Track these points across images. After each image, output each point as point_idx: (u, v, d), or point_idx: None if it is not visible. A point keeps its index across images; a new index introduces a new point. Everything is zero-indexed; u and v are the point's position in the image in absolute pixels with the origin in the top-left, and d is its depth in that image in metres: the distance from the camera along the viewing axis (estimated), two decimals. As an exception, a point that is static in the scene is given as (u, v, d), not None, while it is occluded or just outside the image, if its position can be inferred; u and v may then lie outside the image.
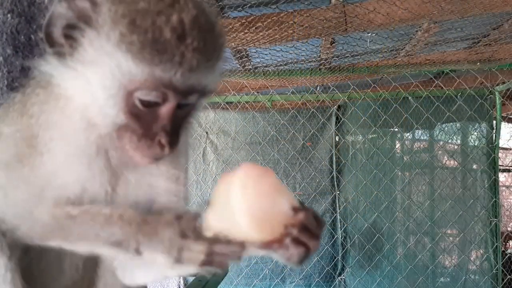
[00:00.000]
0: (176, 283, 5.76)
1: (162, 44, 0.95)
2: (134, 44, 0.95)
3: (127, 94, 1.01)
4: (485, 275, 5.34)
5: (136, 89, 1.00)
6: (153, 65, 0.96)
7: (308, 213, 1.00)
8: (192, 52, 0.97)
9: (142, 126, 1.04)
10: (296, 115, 5.59)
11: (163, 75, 0.97)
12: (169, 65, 0.96)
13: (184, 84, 1.00)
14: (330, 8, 3.65)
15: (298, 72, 5.25)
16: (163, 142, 1.04)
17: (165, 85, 0.99)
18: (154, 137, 1.04)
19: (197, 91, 1.05)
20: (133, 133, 1.04)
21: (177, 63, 0.97)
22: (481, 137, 5.47)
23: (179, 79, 0.98)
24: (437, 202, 5.47)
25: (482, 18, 3.98)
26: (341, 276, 5.54)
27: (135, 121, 1.04)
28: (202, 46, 0.99)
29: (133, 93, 1.00)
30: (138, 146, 1.05)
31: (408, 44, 4.66)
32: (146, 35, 0.95)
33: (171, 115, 1.04)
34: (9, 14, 1.52)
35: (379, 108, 5.46)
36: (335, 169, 5.54)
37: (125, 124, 1.04)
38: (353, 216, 5.51)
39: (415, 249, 5.44)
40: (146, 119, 1.04)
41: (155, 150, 1.05)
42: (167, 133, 1.04)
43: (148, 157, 1.07)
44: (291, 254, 1.00)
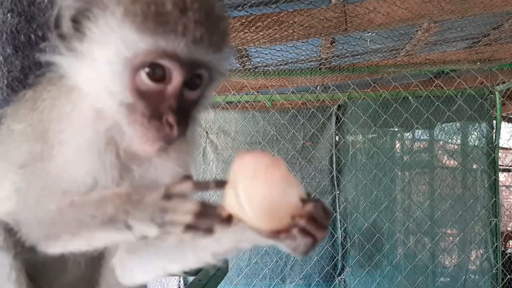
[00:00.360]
0: (176, 282, 5.76)
1: (164, 16, 0.98)
2: (138, 16, 0.98)
3: (133, 68, 1.01)
4: (485, 275, 5.34)
5: (143, 62, 1.01)
6: (157, 36, 0.98)
7: (316, 204, 1.01)
8: (194, 23, 1.00)
9: (149, 106, 1.03)
10: (296, 115, 5.59)
11: (167, 45, 0.99)
12: (172, 36, 0.98)
13: (188, 56, 1.01)
14: (330, 8, 3.65)
15: (298, 72, 5.25)
16: (170, 121, 1.03)
17: (169, 56, 1.00)
18: (162, 117, 1.03)
19: (202, 66, 1.06)
20: (141, 115, 1.04)
21: (180, 33, 0.98)
22: (481, 137, 5.47)
23: (183, 50, 1.00)
24: (437, 202, 5.47)
25: (482, 18, 3.98)
26: (341, 276, 5.54)
27: (142, 101, 1.03)
28: (203, 20, 1.01)
29: (139, 68, 1.01)
30: (147, 129, 1.04)
31: (408, 44, 4.66)
32: (149, 7, 0.98)
33: (177, 93, 1.04)
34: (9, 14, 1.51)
35: (379, 108, 5.46)
36: (335, 169, 5.54)
37: (132, 104, 1.04)
38: (353, 216, 5.51)
39: (415, 249, 5.44)
40: (153, 99, 1.03)
41: (164, 130, 1.03)
42: (175, 112, 1.03)
43: (157, 140, 1.05)
44: (298, 244, 1.01)
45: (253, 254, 5.58)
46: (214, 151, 5.68)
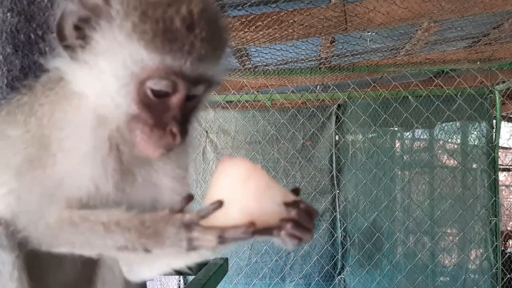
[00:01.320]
0: (176, 282, 5.76)
1: (172, 33, 0.99)
2: (146, 33, 0.99)
3: (139, 83, 1.03)
4: (485, 274, 5.34)
5: (148, 78, 1.03)
6: (164, 54, 1.00)
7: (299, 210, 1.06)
8: (201, 41, 1.02)
9: (153, 117, 1.06)
10: (296, 114, 5.59)
11: (173, 63, 1.01)
12: (179, 54, 1.00)
13: (193, 73, 1.03)
14: (330, 7, 3.64)
15: (298, 71, 5.25)
16: (174, 131, 1.06)
17: (176, 74, 1.02)
18: (166, 127, 1.06)
19: (205, 81, 1.09)
20: (145, 124, 1.07)
21: (187, 51, 1.01)
22: (481, 136, 5.47)
23: (188, 68, 1.02)
24: (437, 201, 5.47)
25: (482, 17, 3.98)
26: (341, 275, 5.55)
27: (146, 112, 1.06)
28: (209, 37, 1.03)
29: (145, 83, 1.03)
30: (150, 137, 1.07)
31: (408, 43, 4.65)
32: (158, 24, 0.99)
33: (181, 105, 1.07)
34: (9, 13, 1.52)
35: (379, 107, 5.46)
36: (335, 168, 5.54)
37: (136, 115, 1.06)
38: (353, 215, 5.51)
39: (415, 248, 5.45)
40: (157, 110, 1.06)
41: (167, 139, 1.07)
42: (178, 122, 1.07)
43: (160, 148, 1.09)
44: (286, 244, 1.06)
45: (253, 253, 5.59)
46: (214, 150, 5.68)
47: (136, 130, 1.08)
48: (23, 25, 1.54)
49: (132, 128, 1.08)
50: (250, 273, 5.58)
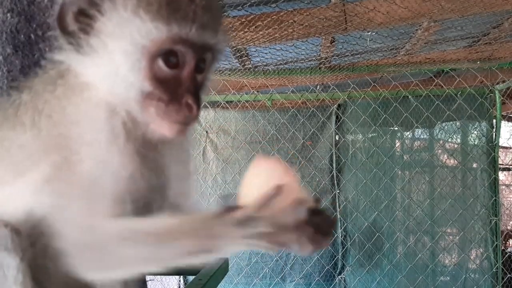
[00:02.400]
0: (176, 282, 5.76)
1: (176, 3, 1.04)
2: (151, 5, 1.03)
3: (150, 57, 1.05)
4: (485, 274, 5.34)
5: (158, 50, 1.05)
6: (170, 23, 1.03)
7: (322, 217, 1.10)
8: (202, 9, 1.06)
9: (167, 91, 1.08)
10: (296, 114, 5.59)
11: (180, 31, 1.04)
12: (184, 22, 1.04)
13: (199, 40, 1.07)
14: (330, 7, 3.64)
15: (298, 71, 5.25)
16: (190, 103, 1.08)
17: (183, 42, 1.06)
18: (181, 100, 1.08)
19: (209, 48, 1.12)
20: (159, 100, 1.08)
21: (191, 20, 1.04)
22: (481, 136, 5.47)
23: (194, 35, 1.05)
24: (437, 201, 5.47)
25: (482, 17, 3.98)
26: (341, 275, 5.55)
27: (160, 87, 1.07)
28: (208, 5, 1.09)
29: (156, 56, 1.06)
30: (166, 112, 1.08)
31: (408, 43, 4.65)
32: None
33: (192, 76, 1.10)
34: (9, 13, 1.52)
35: (379, 107, 5.46)
36: (335, 168, 5.54)
37: (150, 92, 1.07)
38: (353, 215, 5.51)
39: (415, 248, 5.45)
40: (170, 84, 1.08)
41: (184, 112, 1.08)
42: (192, 93, 1.09)
43: (177, 123, 1.09)
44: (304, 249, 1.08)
45: (253, 253, 5.58)
46: (214, 150, 5.68)
47: (151, 108, 1.08)
48: (23, 26, 1.54)
49: (146, 106, 1.08)
50: (251, 273, 5.58)
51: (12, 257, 1.13)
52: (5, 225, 1.13)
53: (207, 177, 5.66)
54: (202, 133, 5.64)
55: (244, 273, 5.57)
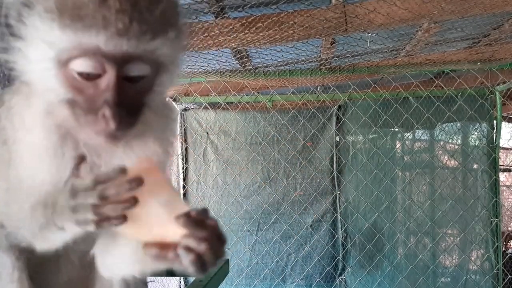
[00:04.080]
0: (177, 283, 5.76)
1: (81, 9, 0.91)
2: (55, 11, 0.92)
3: (61, 65, 0.97)
4: (486, 275, 5.34)
5: (69, 59, 0.96)
6: (76, 31, 0.92)
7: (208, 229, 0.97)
8: (116, 14, 0.91)
9: (86, 100, 0.99)
10: (296, 115, 5.59)
11: (88, 40, 0.92)
12: (93, 30, 0.91)
13: (115, 50, 0.94)
14: (330, 9, 3.64)
15: (298, 72, 5.25)
16: (106, 116, 0.96)
17: (95, 52, 0.94)
18: (98, 112, 0.98)
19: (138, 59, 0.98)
20: (79, 109, 0.99)
21: (100, 26, 0.91)
22: (481, 137, 5.47)
23: (107, 44, 0.93)
24: (437, 202, 5.47)
25: (482, 18, 3.98)
26: (341, 276, 5.54)
27: (79, 95, 0.99)
28: (129, 8, 0.92)
29: (67, 64, 0.97)
30: (85, 122, 0.99)
31: (408, 44, 4.65)
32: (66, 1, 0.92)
33: (114, 86, 0.97)
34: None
35: (380, 108, 5.46)
36: (335, 169, 5.54)
37: (70, 99, 1.00)
38: (353, 216, 5.51)
39: (415, 249, 5.44)
40: (89, 93, 0.98)
41: (100, 125, 0.98)
42: (111, 106, 0.96)
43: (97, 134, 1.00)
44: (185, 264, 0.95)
45: (254, 254, 5.59)
46: (215, 151, 5.68)
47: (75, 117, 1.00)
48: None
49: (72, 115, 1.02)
50: (251, 274, 5.58)
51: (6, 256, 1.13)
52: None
53: (207, 178, 5.66)
54: (202, 134, 5.64)
55: (245, 274, 5.57)
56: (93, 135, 1.01)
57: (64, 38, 0.93)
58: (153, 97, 1.07)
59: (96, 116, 0.97)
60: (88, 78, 0.97)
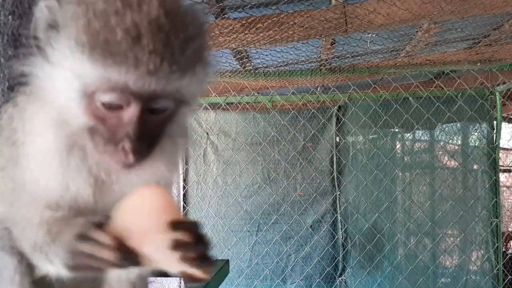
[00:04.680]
0: (177, 284, 5.76)
1: (114, 45, 0.91)
2: (88, 44, 0.92)
3: (87, 96, 0.97)
4: (486, 276, 5.34)
5: (95, 91, 0.96)
6: (107, 67, 0.92)
7: None
8: (148, 54, 0.91)
9: (107, 130, 0.99)
10: (296, 116, 5.59)
11: (118, 77, 0.92)
12: (123, 68, 0.91)
13: (143, 88, 0.94)
14: (330, 9, 3.65)
15: (298, 73, 5.25)
16: (126, 149, 0.98)
17: (122, 88, 0.94)
18: (118, 143, 0.99)
19: (165, 96, 0.99)
20: (100, 137, 1.00)
21: (132, 65, 0.91)
22: (481, 138, 5.47)
23: (136, 82, 0.93)
24: (437, 202, 5.47)
25: (482, 19, 3.98)
26: (342, 276, 5.54)
27: (101, 124, 0.99)
28: (161, 48, 0.93)
29: (93, 95, 0.96)
30: (104, 151, 1.01)
31: (408, 45, 4.66)
32: (99, 35, 0.91)
33: (137, 120, 0.98)
34: (10, 16, 1.52)
35: (380, 109, 5.47)
36: (335, 170, 5.54)
37: (91, 126, 1.01)
38: (353, 217, 5.51)
39: (415, 249, 5.45)
40: (111, 123, 0.99)
41: (119, 156, 0.99)
42: (132, 139, 0.97)
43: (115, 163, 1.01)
44: None
45: (254, 255, 5.59)
46: (215, 152, 5.68)
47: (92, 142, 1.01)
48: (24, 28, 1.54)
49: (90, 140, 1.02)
50: (251, 275, 5.58)
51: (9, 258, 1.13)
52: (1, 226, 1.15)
53: (207, 179, 5.67)
54: (202, 135, 5.64)
55: (245, 275, 5.57)
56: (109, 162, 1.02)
57: (94, 73, 0.93)
58: (173, 126, 1.07)
59: (116, 147, 0.98)
60: (112, 109, 0.98)
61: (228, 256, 5.37)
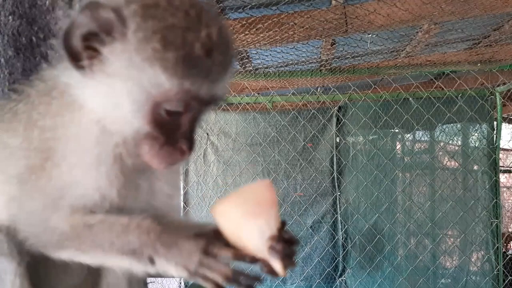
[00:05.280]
0: (176, 284, 5.76)
1: (193, 59, 1.00)
2: (168, 59, 0.99)
3: (154, 104, 1.04)
4: (486, 276, 5.33)
5: (164, 101, 1.03)
6: (184, 79, 1.00)
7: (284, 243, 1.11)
8: (217, 65, 1.04)
9: (164, 134, 1.08)
10: (296, 116, 5.59)
11: (191, 87, 1.02)
12: (198, 79, 1.02)
13: (207, 95, 1.06)
14: (331, 9, 3.65)
15: (298, 73, 5.25)
16: (184, 148, 1.09)
17: (192, 97, 1.04)
18: (176, 144, 1.09)
19: (216, 100, 1.11)
20: (155, 141, 1.08)
21: (204, 76, 1.02)
22: (481, 138, 5.47)
23: (204, 91, 1.04)
24: (437, 203, 5.47)
25: (482, 19, 3.98)
26: (342, 277, 5.54)
27: (158, 130, 1.07)
28: (224, 59, 1.06)
29: (160, 104, 1.04)
30: (160, 154, 1.09)
31: (408, 45, 4.66)
32: (179, 51, 0.99)
33: (192, 122, 1.10)
34: (11, 16, 1.52)
35: (380, 109, 5.46)
36: (335, 170, 5.54)
37: (147, 133, 1.07)
38: (354, 217, 5.51)
39: (416, 250, 5.44)
40: (168, 127, 1.08)
41: (176, 155, 1.10)
42: (188, 139, 1.10)
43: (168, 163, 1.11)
44: None
45: (254, 255, 5.58)
46: (215, 152, 5.68)
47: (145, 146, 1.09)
48: (24, 28, 1.54)
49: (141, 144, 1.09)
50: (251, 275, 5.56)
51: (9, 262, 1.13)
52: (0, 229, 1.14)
53: (207, 179, 5.66)
54: (203, 135, 5.64)
55: (245, 275, 5.56)
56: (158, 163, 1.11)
57: (171, 83, 1.00)
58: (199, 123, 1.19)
59: (174, 148, 1.09)
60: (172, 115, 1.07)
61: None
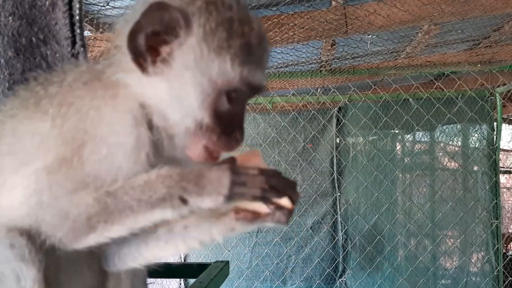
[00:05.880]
0: (177, 285, 5.76)
1: (251, 48, 1.10)
2: (233, 48, 1.08)
3: (218, 93, 1.10)
4: (486, 277, 5.33)
5: (227, 88, 1.10)
6: (244, 66, 1.09)
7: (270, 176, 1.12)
8: (266, 54, 1.17)
9: (221, 124, 1.12)
10: (296, 117, 5.59)
11: (249, 74, 1.10)
12: (253, 66, 1.11)
13: (257, 82, 1.14)
14: (331, 10, 3.65)
15: (298, 74, 5.26)
16: (238, 137, 1.14)
17: (249, 84, 1.12)
18: (232, 134, 1.14)
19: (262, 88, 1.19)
20: (213, 132, 1.12)
21: (258, 64, 1.13)
22: (481, 139, 5.47)
23: (258, 77, 1.13)
24: (438, 204, 5.47)
25: (482, 20, 3.99)
26: (342, 278, 5.54)
27: (216, 120, 1.12)
28: (267, 48, 1.19)
29: (223, 92, 1.11)
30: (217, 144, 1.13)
31: (408, 46, 4.66)
32: (241, 39, 1.08)
33: (242, 112, 1.17)
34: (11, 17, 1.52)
35: (380, 110, 5.46)
36: (335, 171, 5.54)
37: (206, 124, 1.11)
38: (354, 218, 5.51)
39: (416, 251, 5.44)
40: (225, 118, 1.13)
41: (233, 145, 1.14)
42: (241, 128, 1.16)
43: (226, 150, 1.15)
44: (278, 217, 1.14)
45: (254, 256, 5.58)
46: (215, 153, 5.67)
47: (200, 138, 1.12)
48: (24, 29, 1.55)
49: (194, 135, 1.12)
50: (251, 276, 5.57)
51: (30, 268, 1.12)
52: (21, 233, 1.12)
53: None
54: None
55: (245, 276, 5.56)
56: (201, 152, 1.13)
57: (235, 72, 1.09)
58: None
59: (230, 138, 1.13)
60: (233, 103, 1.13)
61: (228, 258, 5.37)
